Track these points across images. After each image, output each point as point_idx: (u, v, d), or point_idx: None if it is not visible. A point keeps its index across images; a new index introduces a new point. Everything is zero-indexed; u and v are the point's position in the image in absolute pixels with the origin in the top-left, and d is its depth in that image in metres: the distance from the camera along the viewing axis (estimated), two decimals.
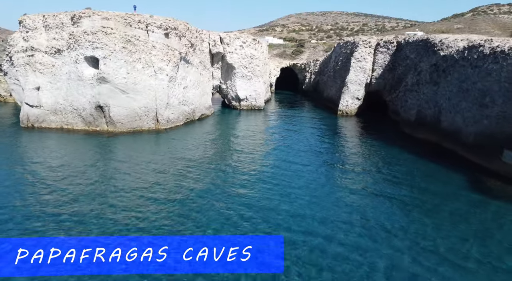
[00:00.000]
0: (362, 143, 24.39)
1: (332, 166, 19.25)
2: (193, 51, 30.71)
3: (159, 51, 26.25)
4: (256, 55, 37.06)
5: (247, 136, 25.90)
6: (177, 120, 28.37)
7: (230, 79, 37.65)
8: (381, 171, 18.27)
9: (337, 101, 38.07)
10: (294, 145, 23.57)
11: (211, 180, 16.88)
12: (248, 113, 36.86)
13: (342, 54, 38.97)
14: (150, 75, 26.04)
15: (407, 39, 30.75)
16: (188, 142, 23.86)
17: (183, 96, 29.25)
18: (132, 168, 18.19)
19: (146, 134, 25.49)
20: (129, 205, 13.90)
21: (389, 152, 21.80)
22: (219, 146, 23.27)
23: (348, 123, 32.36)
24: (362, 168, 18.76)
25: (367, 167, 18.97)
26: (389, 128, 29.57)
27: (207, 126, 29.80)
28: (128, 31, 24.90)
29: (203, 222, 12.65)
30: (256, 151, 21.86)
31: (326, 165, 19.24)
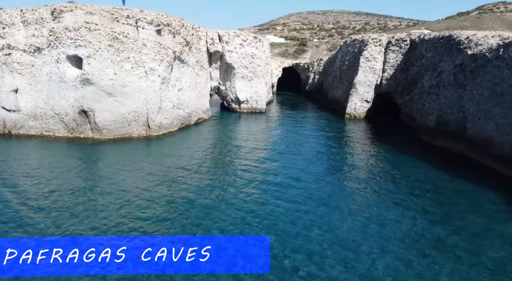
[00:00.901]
0: (375, 151, 21.84)
1: (343, 179, 16.68)
2: (188, 50, 28.16)
3: (150, 50, 23.70)
4: (257, 54, 34.50)
5: (248, 144, 23.35)
6: (171, 126, 25.82)
7: (229, 80, 35.10)
8: (399, 184, 15.71)
9: (344, 104, 35.53)
10: (300, 154, 21.02)
11: (207, 194, 14.38)
12: (249, 117, 34.30)
13: (350, 53, 36.41)
14: (140, 76, 23.50)
15: (422, 37, 28.18)
16: (183, 150, 21.34)
17: (178, 99, 26.71)
18: (117, 181, 15.68)
19: (135, 142, 22.96)
20: (112, 223, 11.43)
21: (406, 163, 19.25)
22: (217, 154, 20.72)
23: (357, 128, 29.80)
24: (378, 182, 16.20)
25: (383, 180, 16.41)
26: (403, 134, 27.01)
27: (204, 131, 27.25)
28: (115, 27, 22.35)
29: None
30: (257, 161, 19.30)
31: (337, 179, 16.67)
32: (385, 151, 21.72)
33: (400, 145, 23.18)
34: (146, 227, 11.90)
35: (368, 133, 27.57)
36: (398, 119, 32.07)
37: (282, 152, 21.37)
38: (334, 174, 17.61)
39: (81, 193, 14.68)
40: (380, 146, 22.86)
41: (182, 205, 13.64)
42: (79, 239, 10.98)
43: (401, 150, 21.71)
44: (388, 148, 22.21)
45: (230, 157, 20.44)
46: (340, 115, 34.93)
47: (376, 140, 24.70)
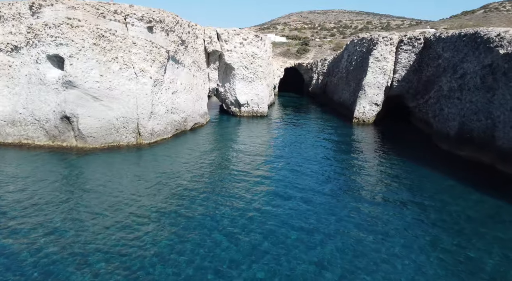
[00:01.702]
0: (391, 164, 19.55)
1: (356, 196, 14.40)
2: (184, 49, 25.88)
3: (141, 49, 21.43)
4: (259, 54, 32.21)
5: (248, 154, 21.06)
6: (164, 132, 23.54)
7: (229, 82, 32.82)
8: (422, 204, 13.43)
9: (351, 107, 33.25)
10: (305, 164, 18.74)
11: (202, 211, 12.13)
12: (250, 121, 32.02)
13: (357, 53, 34.12)
14: (130, 78, 21.23)
15: (438, 35, 25.88)
16: (177, 161, 19.09)
17: (172, 102, 24.43)
18: (102, 198, 13.42)
19: (124, 151, 20.69)
20: (97, 245, 9.17)
21: (428, 178, 16.97)
22: (214, 166, 18.43)
23: (366, 133, 27.50)
24: (396, 200, 13.92)
25: (401, 198, 14.12)
26: (418, 141, 24.71)
27: (201, 139, 24.96)
28: (100, 23, 20.06)
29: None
30: (258, 174, 17.02)
31: (347, 196, 14.39)
32: (402, 163, 19.42)
33: (418, 155, 20.89)
34: (134, 253, 9.67)
35: (379, 140, 25.27)
36: (410, 124, 29.80)
37: (287, 163, 19.08)
38: (348, 193, 15.30)
39: (60, 211, 12.45)
40: (395, 157, 20.56)
41: (175, 226, 11.37)
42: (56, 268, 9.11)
43: (419, 162, 19.43)
44: (405, 160, 19.91)
45: (229, 169, 18.15)
46: (347, 119, 32.65)
47: (390, 149, 22.40)
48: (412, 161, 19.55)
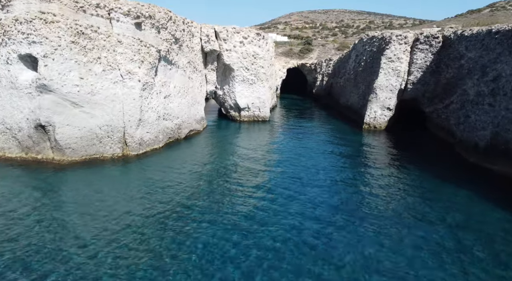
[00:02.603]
0: (410, 176, 17.01)
1: (375, 216, 11.86)
2: (178, 49, 23.34)
3: (128, 48, 18.89)
4: (260, 54, 29.66)
5: (249, 166, 18.52)
6: (155, 141, 21.00)
7: (228, 84, 30.27)
8: (454, 227, 10.91)
9: (360, 111, 30.72)
10: (313, 181, 16.18)
11: (197, 235, 9.61)
12: (250, 126, 29.47)
13: (367, 53, 31.56)
14: (115, 81, 18.69)
15: (460, 32, 23.32)
16: (169, 175, 16.59)
17: (164, 108, 21.88)
18: (78, 222, 10.91)
19: (108, 164, 18.16)
20: None
21: (455, 193, 14.48)
22: (211, 181, 15.86)
23: (379, 141, 24.95)
24: (422, 219, 11.39)
25: (428, 218, 11.59)
26: (438, 151, 22.16)
27: (196, 148, 22.42)
28: (80, 19, 17.51)
29: None
30: (259, 193, 14.48)
31: (365, 216, 11.85)
32: (423, 176, 16.89)
33: (440, 168, 18.35)
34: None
35: (394, 149, 22.70)
36: (426, 130, 27.25)
37: (291, 178, 16.53)
38: (365, 212, 12.73)
39: (31, 237, 9.91)
40: (415, 170, 18.02)
41: (163, 254, 8.86)
42: None
43: (444, 176, 16.89)
44: (427, 173, 17.38)
45: (227, 184, 15.58)
46: (356, 124, 30.11)
47: (408, 161, 19.86)
48: (435, 175, 17.02)
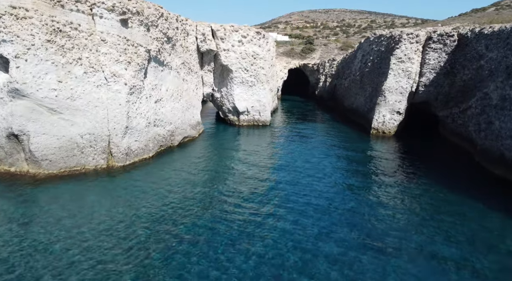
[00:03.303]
0: (427, 191, 15.07)
1: (386, 244, 9.94)
2: (171, 48, 21.41)
3: (113, 48, 16.95)
4: (261, 54, 27.71)
5: (248, 177, 16.56)
6: (144, 151, 19.07)
7: (226, 86, 28.33)
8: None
9: (367, 115, 28.77)
10: (318, 196, 14.25)
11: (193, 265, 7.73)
12: (250, 132, 27.52)
13: (374, 52, 29.61)
14: (98, 84, 16.76)
15: (478, 30, 21.36)
16: (159, 189, 14.73)
17: (155, 113, 19.96)
18: (56, 247, 9.00)
19: (91, 177, 16.21)
20: None
21: (481, 213, 12.53)
22: (207, 195, 13.91)
23: (389, 149, 23.00)
24: (445, 259, 9.46)
25: (457, 268, 9.66)
26: (455, 161, 20.19)
27: (190, 157, 20.45)
28: (57, 15, 15.58)
29: None
30: (264, 211, 12.53)
31: (375, 243, 9.93)
32: (443, 195, 14.92)
33: (462, 183, 16.39)
34: None
35: (406, 158, 20.74)
36: (440, 136, 25.28)
37: (294, 193, 14.57)
38: (376, 239, 10.79)
39: None
40: (431, 183, 16.06)
41: None
42: None
43: (465, 192, 14.98)
44: (445, 187, 15.45)
45: (224, 199, 13.64)
46: (362, 129, 28.16)
47: (423, 172, 17.91)
48: (457, 192, 15.07)
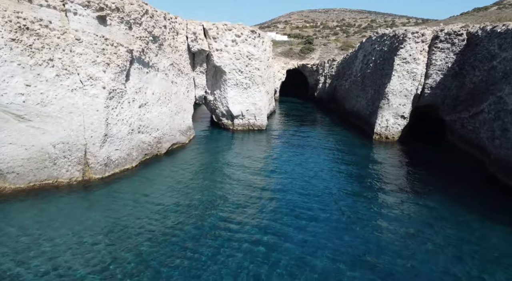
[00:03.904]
0: (434, 206, 13.43)
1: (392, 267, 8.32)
2: (157, 49, 19.77)
3: (89, 48, 15.30)
4: (256, 54, 26.07)
5: (242, 189, 14.90)
6: (127, 160, 17.42)
7: (219, 88, 26.69)
8: None
9: (369, 119, 27.15)
10: (316, 209, 12.60)
11: None
12: (245, 137, 25.88)
13: (376, 53, 27.97)
14: (73, 88, 15.11)
15: (490, 28, 19.73)
16: (142, 204, 13.08)
17: (140, 119, 18.31)
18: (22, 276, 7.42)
19: (64, 192, 14.56)
20: None
21: (494, 235, 10.92)
22: (196, 209, 12.27)
23: (394, 156, 21.36)
24: None
25: None
26: (466, 171, 18.55)
27: (179, 166, 18.76)
28: (24, 10, 13.93)
29: None
30: (260, 224, 10.90)
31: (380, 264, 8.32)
32: (451, 207, 13.29)
33: (472, 195, 14.78)
34: None
35: (413, 168, 19.10)
36: (448, 142, 23.64)
37: (291, 209, 12.92)
38: (380, 259, 9.16)
39: None
40: (440, 198, 14.42)
41: None
42: None
43: (479, 208, 13.33)
44: (455, 203, 13.80)
45: (214, 218, 11.99)
46: (364, 134, 26.54)
47: (430, 184, 16.26)
48: (464, 203, 13.46)
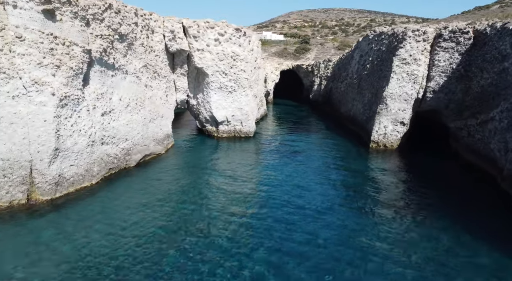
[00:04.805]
0: (436, 229, 11.17)
1: None
2: (126, 49, 17.52)
3: (33, 47, 13.04)
4: (241, 55, 23.80)
5: (215, 213, 12.62)
6: (85, 177, 15.15)
7: (202, 92, 24.43)
8: None
9: (365, 125, 24.89)
10: (304, 233, 10.36)
11: None
12: (230, 145, 23.62)
13: (373, 53, 25.71)
14: (14, 95, 12.86)
15: (500, 25, 17.47)
16: (99, 233, 10.78)
17: (103, 128, 16.05)
18: None
19: (3, 218, 12.32)
20: None
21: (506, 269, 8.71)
22: (168, 239, 10.04)
23: (392, 168, 19.11)
24: None
25: None
26: (472, 185, 16.30)
27: (148, 182, 16.47)
28: None
29: None
30: (233, 259, 8.68)
31: None
32: (455, 231, 11.04)
33: (481, 216, 12.54)
34: None
35: (415, 182, 16.84)
36: (451, 151, 21.38)
37: (274, 234, 10.66)
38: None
39: None
40: (443, 220, 12.15)
41: None
42: None
43: (487, 233, 11.09)
44: (460, 225, 11.54)
45: (185, 253, 9.74)
46: (360, 141, 24.30)
47: (433, 201, 14.02)
48: (471, 226, 11.19)
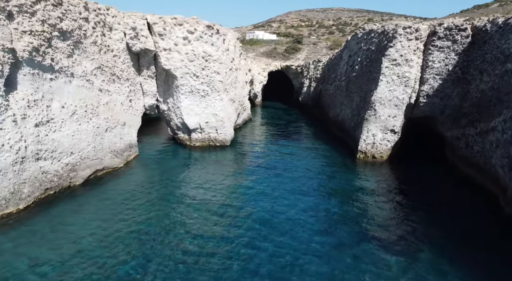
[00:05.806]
0: (431, 259, 8.88)
1: None
2: (71, 48, 15.15)
3: None
4: (214, 55, 21.41)
5: (177, 243, 10.27)
6: (10, 201, 12.75)
7: (172, 96, 22.06)
8: None
9: (353, 132, 22.56)
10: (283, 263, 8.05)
11: None
12: (204, 155, 21.24)
13: (362, 52, 23.35)
14: None
15: (503, 21, 15.14)
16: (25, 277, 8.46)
17: (38, 141, 13.68)
18: None
19: None
20: None
21: None
22: None
23: (381, 183, 16.76)
24: None
25: None
26: (471, 204, 13.97)
27: (94, 203, 14.07)
28: None
29: None
30: None
31: None
32: (452, 262, 8.75)
33: (482, 246, 10.22)
34: None
35: (403, 201, 14.51)
36: (447, 163, 19.04)
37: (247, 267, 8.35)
38: None
39: None
40: (439, 250, 9.82)
41: None
42: None
43: (490, 265, 8.78)
44: (457, 255, 9.21)
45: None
46: (348, 150, 21.96)
47: (427, 224, 11.73)
48: (479, 270, 8.87)
